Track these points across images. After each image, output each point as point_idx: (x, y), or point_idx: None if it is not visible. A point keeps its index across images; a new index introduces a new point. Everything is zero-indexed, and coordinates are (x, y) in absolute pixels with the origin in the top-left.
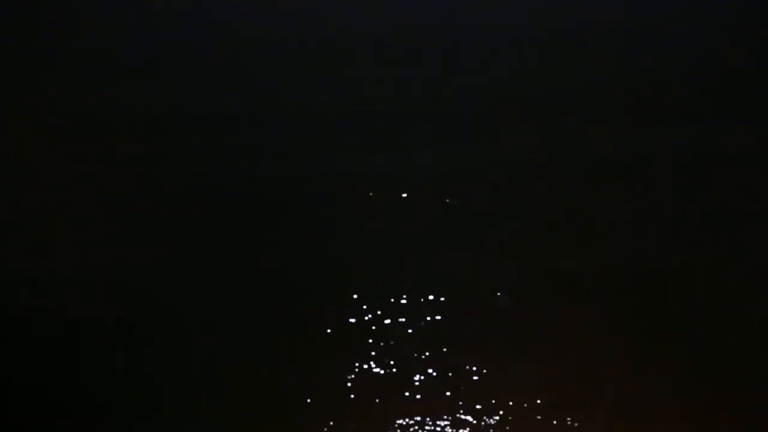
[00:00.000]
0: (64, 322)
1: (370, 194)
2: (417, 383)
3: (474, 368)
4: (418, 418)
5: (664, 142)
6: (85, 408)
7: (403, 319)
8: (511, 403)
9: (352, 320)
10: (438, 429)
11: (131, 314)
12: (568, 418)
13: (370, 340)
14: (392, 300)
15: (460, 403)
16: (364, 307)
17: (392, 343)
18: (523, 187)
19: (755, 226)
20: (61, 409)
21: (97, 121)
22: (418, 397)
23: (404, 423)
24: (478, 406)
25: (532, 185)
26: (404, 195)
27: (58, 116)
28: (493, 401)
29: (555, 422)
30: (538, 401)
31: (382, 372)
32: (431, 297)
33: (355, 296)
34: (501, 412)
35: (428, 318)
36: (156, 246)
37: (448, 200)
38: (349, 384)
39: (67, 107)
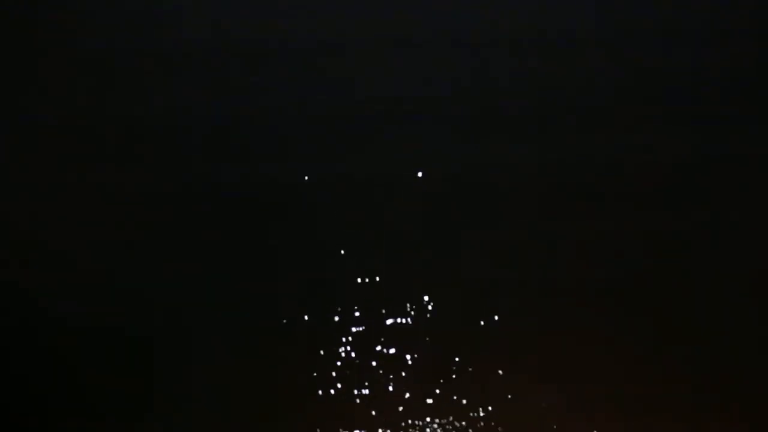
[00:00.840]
0: (63, 322)
1: (371, 193)
2: (417, 385)
3: (474, 369)
4: (418, 420)
5: (664, 142)
6: (84, 408)
7: (403, 320)
8: (511, 404)
9: (352, 321)
10: (438, 430)
11: (131, 315)
12: (569, 419)
13: (370, 341)
14: (392, 301)
15: (460, 404)
16: (365, 307)
17: (392, 343)
18: (523, 187)
19: (755, 227)
20: (61, 410)
21: (97, 121)
22: (418, 398)
23: (404, 424)
24: (478, 408)
25: (532, 185)
26: (404, 195)
27: (58, 116)
28: (494, 402)
29: (555, 423)
30: (538, 402)
31: (381, 373)
32: (431, 298)
33: (355, 297)
34: (501, 413)
35: (428, 319)
36: (156, 246)
37: (447, 200)
38: (348, 385)
39: (67, 107)
